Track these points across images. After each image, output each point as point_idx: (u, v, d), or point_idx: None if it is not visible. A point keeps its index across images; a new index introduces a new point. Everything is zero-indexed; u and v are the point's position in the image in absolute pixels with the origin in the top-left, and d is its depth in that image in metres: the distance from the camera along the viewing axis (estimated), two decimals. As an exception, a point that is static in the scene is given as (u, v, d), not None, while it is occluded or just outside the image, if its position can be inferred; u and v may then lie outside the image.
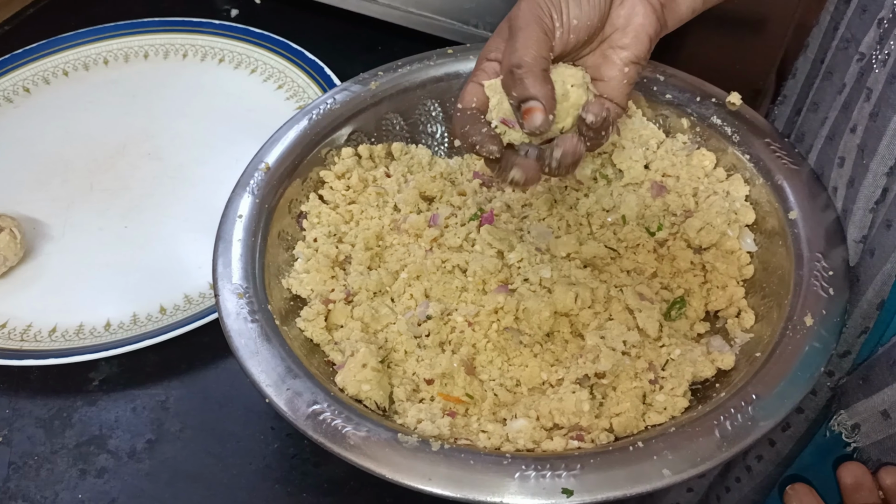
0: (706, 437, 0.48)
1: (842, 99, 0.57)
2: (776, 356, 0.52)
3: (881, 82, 0.51)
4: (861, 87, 0.54)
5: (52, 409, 0.64)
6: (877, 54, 0.53)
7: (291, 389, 0.52)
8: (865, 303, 0.54)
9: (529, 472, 0.47)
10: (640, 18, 0.52)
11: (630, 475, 0.46)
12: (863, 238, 0.55)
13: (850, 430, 0.54)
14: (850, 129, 0.55)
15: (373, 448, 0.48)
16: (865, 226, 0.54)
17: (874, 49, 0.53)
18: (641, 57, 0.53)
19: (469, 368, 0.57)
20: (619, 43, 0.53)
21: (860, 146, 0.54)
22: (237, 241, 0.60)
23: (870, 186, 0.53)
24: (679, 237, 0.63)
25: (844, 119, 0.56)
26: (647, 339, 0.57)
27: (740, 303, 0.60)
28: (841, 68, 0.58)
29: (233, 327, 0.55)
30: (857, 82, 0.55)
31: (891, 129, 0.50)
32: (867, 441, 0.53)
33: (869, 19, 0.56)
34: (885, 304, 0.53)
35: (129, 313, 0.69)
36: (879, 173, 0.52)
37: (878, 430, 0.52)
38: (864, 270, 0.54)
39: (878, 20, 0.54)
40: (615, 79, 0.53)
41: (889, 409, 0.51)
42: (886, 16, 0.53)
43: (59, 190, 0.80)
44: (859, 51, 0.56)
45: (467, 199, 0.68)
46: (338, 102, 0.70)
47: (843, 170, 0.56)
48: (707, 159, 0.67)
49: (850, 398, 0.54)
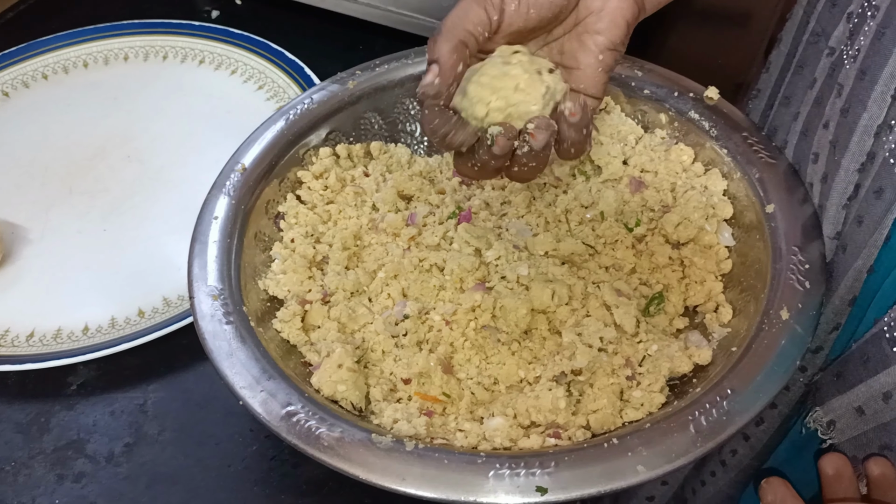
0: (681, 432, 0.47)
1: (813, 94, 0.57)
2: (752, 350, 0.51)
3: (851, 78, 0.51)
4: (833, 82, 0.54)
5: (30, 413, 0.64)
6: (847, 49, 0.52)
7: (266, 391, 0.51)
8: (838, 299, 0.54)
9: (504, 470, 0.47)
10: (615, 1, 0.50)
11: (604, 472, 0.46)
12: (836, 234, 0.55)
13: (825, 426, 0.54)
14: (823, 125, 0.55)
15: (346, 449, 0.48)
16: (839, 222, 0.54)
17: (844, 44, 0.53)
18: (618, 43, 0.51)
19: (446, 367, 0.57)
20: (595, 27, 0.51)
21: (832, 142, 0.54)
22: (213, 242, 0.60)
23: (842, 183, 0.53)
24: (657, 233, 0.63)
25: (817, 115, 0.56)
26: (625, 335, 0.57)
27: (718, 297, 0.60)
28: (811, 62, 0.58)
29: (207, 329, 0.55)
30: (828, 77, 0.55)
31: (861, 125, 0.50)
32: (842, 437, 0.53)
33: (838, 13, 0.55)
34: (857, 301, 0.53)
35: (107, 317, 0.68)
36: (851, 169, 0.52)
37: (853, 427, 0.52)
38: (836, 266, 0.54)
39: (848, 14, 0.54)
40: (590, 66, 0.51)
41: (863, 406, 0.50)
42: (856, 10, 0.52)
43: (38, 193, 0.79)
44: (829, 45, 0.56)
45: (446, 198, 0.67)
46: (315, 102, 0.70)
47: (817, 166, 0.56)
48: (685, 154, 0.66)
49: (824, 395, 0.54)
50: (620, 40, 0.51)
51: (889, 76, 0.48)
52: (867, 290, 0.52)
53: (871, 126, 0.50)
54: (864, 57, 0.50)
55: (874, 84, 0.49)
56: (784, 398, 0.59)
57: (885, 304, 0.50)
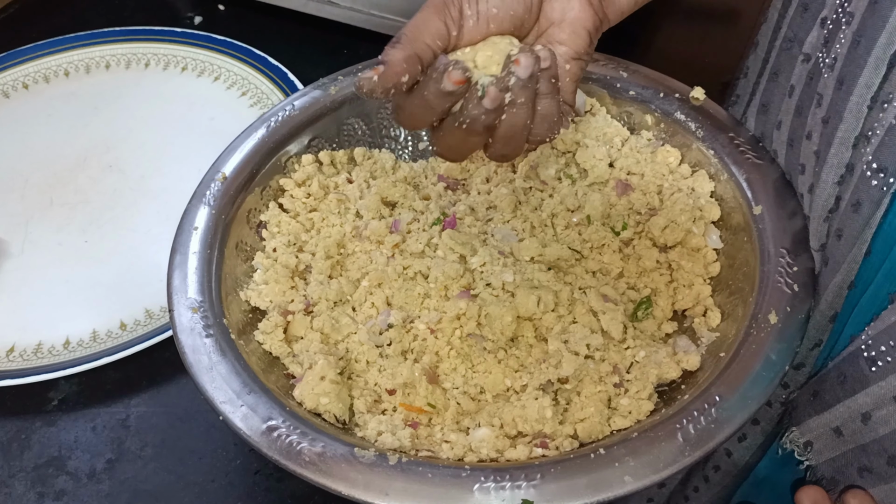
0: (668, 441, 0.47)
1: (793, 103, 0.56)
2: (740, 356, 0.50)
3: (830, 87, 0.50)
4: (812, 91, 0.52)
5: (10, 431, 0.63)
6: (823, 57, 0.51)
7: (247, 405, 0.50)
8: (819, 315, 0.52)
9: (489, 483, 0.46)
10: (575, 12, 0.50)
11: (591, 483, 0.45)
12: (821, 247, 0.53)
13: (802, 447, 0.52)
14: (807, 136, 0.53)
15: (328, 464, 0.47)
16: (822, 234, 0.53)
17: (819, 51, 0.52)
18: (582, 52, 0.51)
19: (432, 377, 0.56)
20: (557, 38, 0.50)
21: (816, 153, 0.52)
22: (193, 253, 0.59)
23: (822, 195, 0.51)
24: (644, 236, 0.62)
25: (800, 125, 0.54)
26: (612, 341, 0.56)
27: (707, 301, 0.59)
28: (786, 69, 0.57)
29: (187, 343, 0.54)
30: (807, 86, 0.54)
31: (838, 136, 0.49)
32: (820, 459, 0.51)
33: (810, 18, 0.54)
34: (838, 317, 0.52)
35: (88, 330, 0.67)
36: (830, 182, 0.50)
37: (830, 448, 0.50)
38: (819, 281, 0.53)
39: (822, 20, 0.53)
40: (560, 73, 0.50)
41: (842, 427, 0.49)
42: (830, 16, 0.51)
43: (17, 205, 0.78)
44: (803, 51, 0.55)
45: (430, 204, 0.66)
46: (297, 109, 0.69)
47: (804, 177, 0.55)
48: (672, 156, 0.66)
49: (801, 415, 0.52)
50: (584, 49, 0.51)
51: (864, 86, 0.46)
52: (848, 307, 0.51)
53: (848, 137, 0.48)
54: (841, 66, 0.48)
55: (850, 94, 0.47)
56: (766, 414, 0.57)
57: (863, 320, 0.48)
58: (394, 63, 0.45)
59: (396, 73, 0.45)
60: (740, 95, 0.68)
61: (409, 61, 0.45)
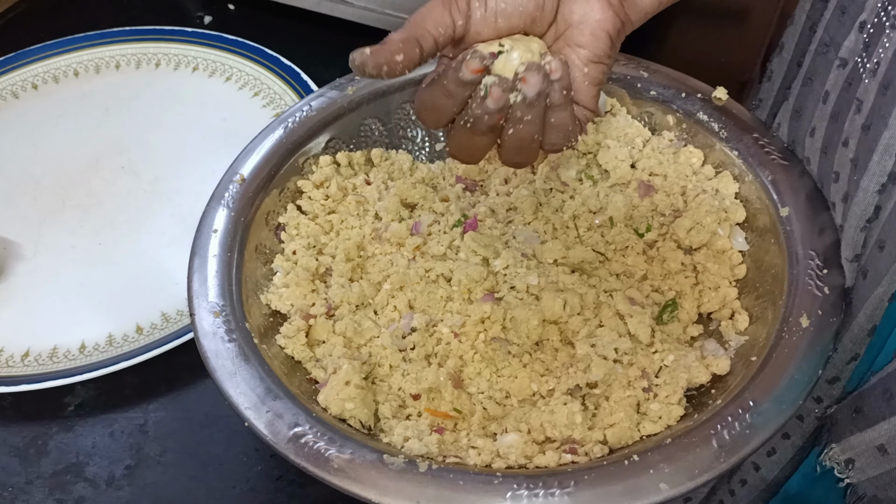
0: (703, 447, 0.46)
1: (828, 109, 0.55)
2: (773, 360, 0.50)
3: (872, 93, 0.48)
4: (850, 97, 0.51)
5: (27, 436, 0.62)
6: (863, 61, 0.50)
7: (272, 411, 0.50)
8: (857, 327, 0.51)
9: (522, 490, 0.45)
10: (595, 14, 0.49)
11: (626, 490, 0.45)
12: (856, 257, 0.52)
13: (843, 465, 0.50)
14: (843, 143, 0.52)
15: (357, 470, 0.46)
16: (858, 245, 0.52)
17: (859, 56, 0.51)
18: (603, 56, 0.49)
19: (456, 382, 0.55)
20: (576, 41, 0.49)
21: (853, 160, 0.51)
22: (212, 256, 0.58)
23: (861, 204, 0.50)
24: (669, 238, 0.62)
25: (836, 131, 0.53)
26: (640, 345, 0.55)
27: (734, 304, 0.58)
28: (821, 74, 0.56)
29: (209, 347, 0.53)
30: (844, 92, 0.53)
31: (882, 143, 0.47)
32: (862, 477, 0.50)
33: (849, 22, 0.53)
34: (877, 330, 0.50)
35: (104, 334, 0.67)
36: (870, 190, 0.49)
37: (874, 466, 0.49)
38: (856, 293, 0.51)
39: (860, 24, 0.51)
40: (577, 80, 0.50)
41: (886, 444, 0.47)
42: (870, 19, 0.50)
43: (29, 208, 0.78)
44: (840, 56, 0.53)
45: (450, 205, 0.66)
46: (314, 109, 0.68)
47: (838, 185, 0.54)
48: (694, 156, 0.65)
49: (842, 431, 0.51)
50: (605, 53, 0.50)
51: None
52: (888, 320, 0.49)
53: (892, 145, 0.47)
54: (886, 70, 0.47)
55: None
56: (797, 429, 0.56)
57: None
58: (390, 41, 0.45)
59: (391, 51, 0.45)
60: (763, 99, 0.67)
61: (407, 42, 0.45)
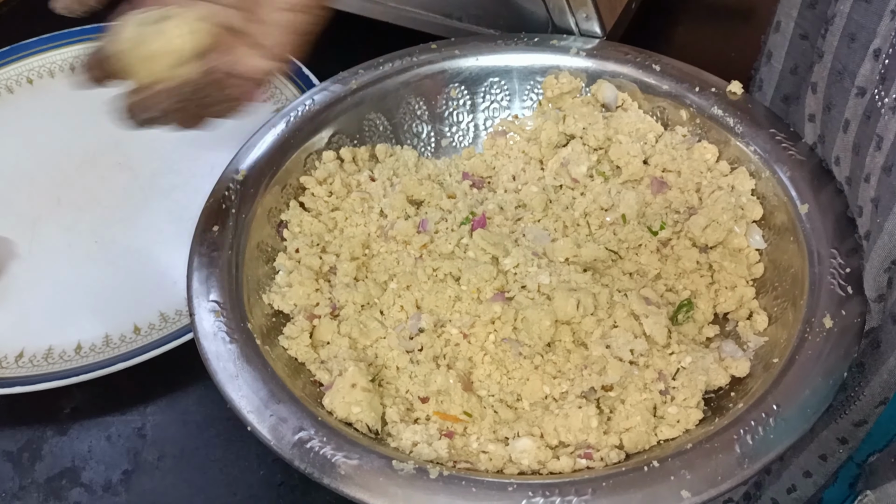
0: (726, 453, 0.44)
1: (850, 140, 0.52)
2: (796, 362, 0.48)
3: (892, 131, 0.46)
4: (870, 132, 0.48)
5: (21, 440, 0.60)
6: (880, 94, 0.47)
7: (275, 415, 0.48)
8: (886, 372, 0.48)
9: (537, 498, 0.43)
10: None
11: (646, 498, 0.43)
12: (879, 297, 0.49)
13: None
14: (865, 179, 0.50)
15: (366, 477, 0.45)
16: (882, 285, 0.49)
17: (875, 86, 0.48)
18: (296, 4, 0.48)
19: (466, 384, 0.53)
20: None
21: (874, 201, 0.49)
22: (213, 254, 0.56)
23: (885, 247, 0.47)
24: (683, 236, 0.60)
25: (858, 165, 0.50)
26: (655, 346, 0.54)
27: (751, 304, 0.56)
28: (839, 103, 0.53)
29: (210, 349, 0.51)
30: (864, 124, 0.50)
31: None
32: None
33: (860, 49, 0.50)
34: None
35: (101, 335, 0.65)
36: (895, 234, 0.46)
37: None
38: (885, 336, 0.48)
39: (875, 52, 0.49)
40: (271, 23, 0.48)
41: None
42: (884, 48, 0.47)
43: (24, 205, 0.75)
44: (856, 84, 0.50)
45: (457, 202, 0.64)
46: (317, 103, 0.66)
47: (861, 220, 0.52)
48: (709, 152, 0.63)
49: (879, 479, 0.48)
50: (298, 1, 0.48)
51: None
52: None
53: None
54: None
55: None
56: (820, 468, 0.53)
57: None
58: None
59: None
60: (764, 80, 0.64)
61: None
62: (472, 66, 0.69)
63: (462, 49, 0.70)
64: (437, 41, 0.71)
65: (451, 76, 0.69)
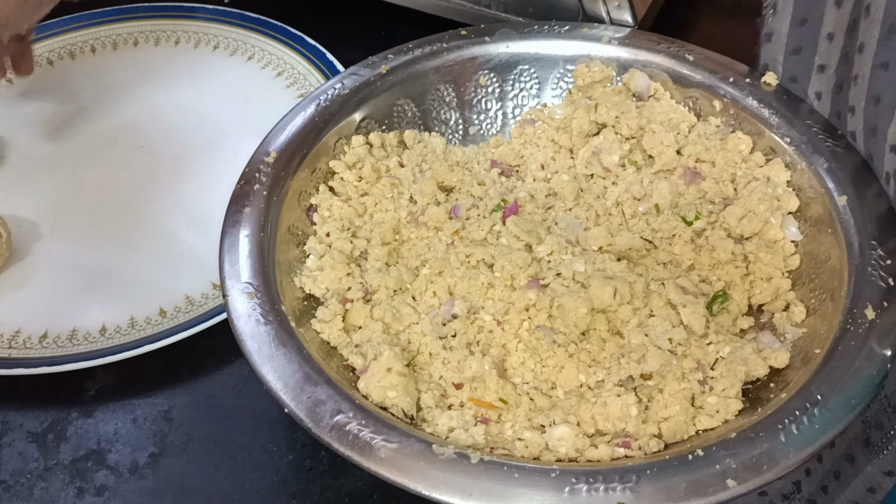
0: (770, 442, 0.44)
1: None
2: (838, 353, 0.48)
3: None
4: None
5: (45, 421, 0.59)
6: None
7: (312, 398, 0.47)
8: None
9: (581, 485, 0.42)
10: None
11: (690, 486, 0.42)
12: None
13: None
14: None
15: (405, 461, 0.44)
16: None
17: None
18: None
19: (500, 371, 0.53)
20: None
21: None
22: (244, 236, 0.56)
23: None
24: (718, 226, 0.59)
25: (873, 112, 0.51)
26: (693, 336, 0.53)
27: (787, 295, 0.56)
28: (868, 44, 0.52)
29: (244, 330, 0.50)
30: None
31: None
32: None
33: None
34: None
35: (126, 317, 0.64)
36: None
37: None
38: None
39: None
40: None
41: None
42: None
43: (45, 185, 0.75)
44: None
45: (488, 189, 0.63)
46: (346, 87, 0.66)
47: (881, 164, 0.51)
48: (743, 143, 0.63)
49: None
50: None
51: None
52: None
53: None
54: None
55: None
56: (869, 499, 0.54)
57: None
58: None
59: None
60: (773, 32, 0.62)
61: None
62: (503, 53, 0.69)
63: (493, 35, 0.69)
64: (466, 27, 0.70)
65: (481, 63, 0.69)
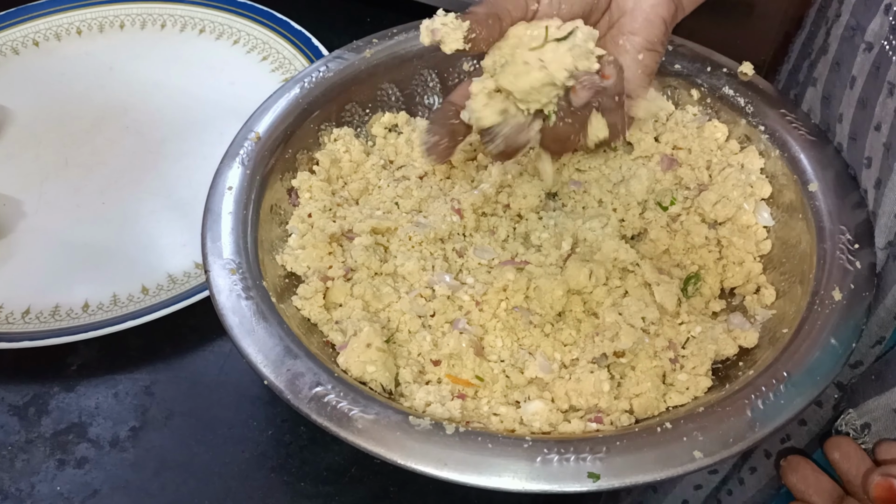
0: (737, 416, 0.45)
1: (856, 94, 0.53)
2: (804, 332, 0.49)
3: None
4: (879, 82, 0.50)
5: (27, 395, 0.60)
6: (891, 44, 0.49)
7: (291, 370, 0.48)
8: (884, 311, 0.50)
9: (552, 455, 0.44)
10: (649, 1, 0.49)
11: (659, 458, 0.44)
12: (888, 244, 0.51)
13: (859, 429, 0.50)
14: (875, 128, 0.51)
15: (382, 432, 0.45)
16: (892, 231, 0.51)
17: (885, 38, 0.49)
18: (656, 42, 0.49)
19: (478, 349, 0.54)
20: (630, 28, 0.49)
21: (886, 145, 0.50)
22: (227, 213, 0.56)
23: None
24: (693, 211, 0.61)
25: (865, 118, 0.52)
26: (666, 315, 0.54)
27: (759, 279, 0.57)
28: (847, 59, 0.54)
29: (225, 305, 0.51)
30: (872, 77, 0.52)
31: None
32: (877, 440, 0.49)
33: (874, 5, 0.52)
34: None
35: (108, 293, 0.64)
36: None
37: (890, 429, 0.49)
38: (885, 276, 0.50)
39: (886, 6, 0.50)
40: (629, 68, 0.49)
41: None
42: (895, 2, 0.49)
43: (31, 164, 0.75)
44: (865, 40, 0.52)
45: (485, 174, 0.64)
46: (331, 71, 0.66)
47: (870, 171, 0.53)
48: (719, 131, 0.64)
49: (859, 397, 0.50)
50: (658, 40, 0.50)
51: None
52: None
53: None
54: None
55: None
56: (814, 415, 0.55)
57: None
58: (478, 14, 0.46)
59: (479, 21, 0.46)
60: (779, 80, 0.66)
61: (492, 18, 0.46)
62: (486, 40, 0.70)
63: (476, 22, 0.70)
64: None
65: (464, 49, 0.69)
